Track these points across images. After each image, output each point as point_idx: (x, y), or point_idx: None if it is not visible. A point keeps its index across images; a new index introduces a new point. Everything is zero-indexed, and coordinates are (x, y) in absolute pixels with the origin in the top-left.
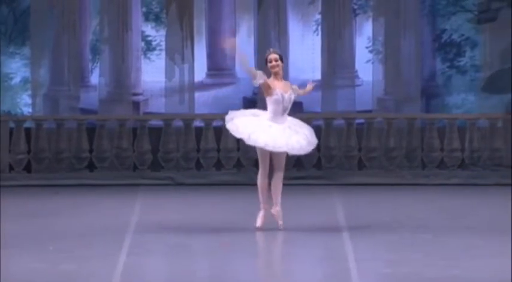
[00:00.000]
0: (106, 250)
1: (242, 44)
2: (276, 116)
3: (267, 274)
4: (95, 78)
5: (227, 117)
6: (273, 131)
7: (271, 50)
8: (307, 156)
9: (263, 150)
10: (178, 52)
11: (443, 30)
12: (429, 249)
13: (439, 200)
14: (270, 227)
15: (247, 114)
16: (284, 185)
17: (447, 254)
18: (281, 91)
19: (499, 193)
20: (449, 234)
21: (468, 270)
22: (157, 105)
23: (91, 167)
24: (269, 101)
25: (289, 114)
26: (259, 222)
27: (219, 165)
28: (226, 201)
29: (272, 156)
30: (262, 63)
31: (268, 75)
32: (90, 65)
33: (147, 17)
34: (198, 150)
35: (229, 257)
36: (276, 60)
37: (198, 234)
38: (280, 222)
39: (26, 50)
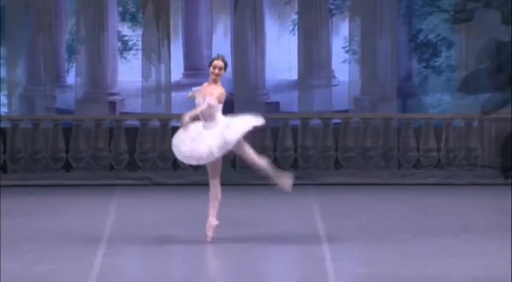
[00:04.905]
0: (82, 251)
1: (219, 43)
2: (203, 123)
3: (244, 274)
4: (71, 78)
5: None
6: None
7: (220, 56)
8: (283, 156)
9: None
10: (154, 52)
11: (420, 31)
12: (405, 249)
13: (415, 199)
14: (246, 227)
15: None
16: (260, 184)
17: (423, 253)
18: (201, 97)
19: (474, 193)
20: (425, 234)
21: (443, 269)
22: (134, 105)
23: (67, 167)
24: None
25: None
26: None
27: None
28: (203, 202)
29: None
30: (238, 65)
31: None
32: (66, 65)
33: (123, 17)
34: None
35: (205, 257)
36: (221, 69)
37: (175, 234)
38: (210, 235)
39: (2, 50)
